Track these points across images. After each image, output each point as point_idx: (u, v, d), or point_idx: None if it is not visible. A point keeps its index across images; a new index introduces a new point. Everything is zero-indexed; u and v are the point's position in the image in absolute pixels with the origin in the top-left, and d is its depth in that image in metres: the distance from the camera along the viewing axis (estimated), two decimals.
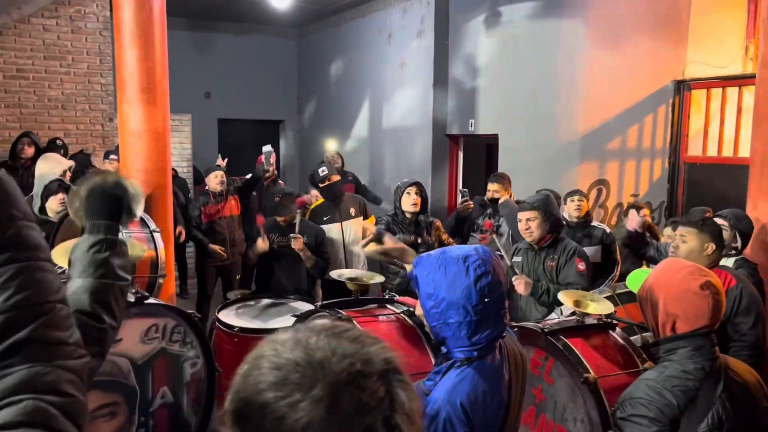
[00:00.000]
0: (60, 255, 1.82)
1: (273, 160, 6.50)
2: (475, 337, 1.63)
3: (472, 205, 4.92)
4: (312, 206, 5.30)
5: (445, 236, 4.62)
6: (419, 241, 4.36)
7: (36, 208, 4.33)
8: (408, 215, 4.45)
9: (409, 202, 4.41)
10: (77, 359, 0.94)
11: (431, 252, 1.77)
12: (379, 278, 3.44)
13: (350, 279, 3.01)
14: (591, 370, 2.25)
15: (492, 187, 4.99)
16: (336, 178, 5.12)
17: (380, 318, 2.51)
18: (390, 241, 2.30)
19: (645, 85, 5.73)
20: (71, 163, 5.39)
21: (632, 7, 5.65)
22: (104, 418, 1.82)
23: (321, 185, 5.11)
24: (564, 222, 4.68)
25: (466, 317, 1.62)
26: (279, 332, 0.87)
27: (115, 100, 6.91)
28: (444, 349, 1.74)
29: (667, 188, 5.79)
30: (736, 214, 3.46)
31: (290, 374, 0.78)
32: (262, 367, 0.81)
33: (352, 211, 5.11)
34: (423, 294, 1.71)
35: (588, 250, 4.69)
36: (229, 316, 3.77)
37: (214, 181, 5.80)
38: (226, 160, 6.56)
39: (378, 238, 2.39)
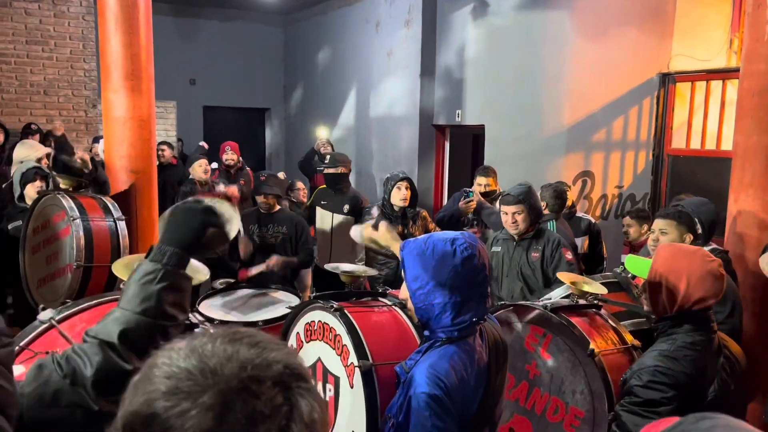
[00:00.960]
0: (122, 268, 1.73)
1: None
2: (458, 318, 1.69)
3: (474, 207, 4.85)
4: (319, 187, 5.38)
5: (432, 225, 4.64)
6: (405, 232, 4.38)
7: (15, 196, 4.28)
8: (396, 208, 4.47)
9: (399, 197, 4.43)
10: (1, 348, 0.89)
11: (418, 237, 1.82)
12: (373, 272, 3.38)
13: (345, 272, 2.97)
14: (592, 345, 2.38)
15: (482, 180, 4.94)
16: (343, 169, 5.13)
17: (375, 309, 2.53)
18: (383, 229, 2.34)
19: (630, 78, 5.76)
20: (48, 150, 5.32)
21: (619, 0, 5.68)
22: None
23: (327, 171, 5.13)
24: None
25: (451, 298, 1.68)
26: (176, 340, 0.80)
27: (98, 86, 6.82)
28: (427, 332, 1.78)
29: (650, 180, 5.84)
30: (695, 202, 3.50)
31: (182, 383, 0.72)
32: (153, 376, 0.74)
33: (346, 207, 5.08)
34: (409, 276, 1.75)
35: (575, 240, 4.74)
36: (209, 309, 3.75)
37: (199, 170, 5.77)
38: (206, 146, 6.52)
39: (375, 224, 2.42)
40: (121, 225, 3.26)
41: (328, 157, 5.22)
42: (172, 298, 1.21)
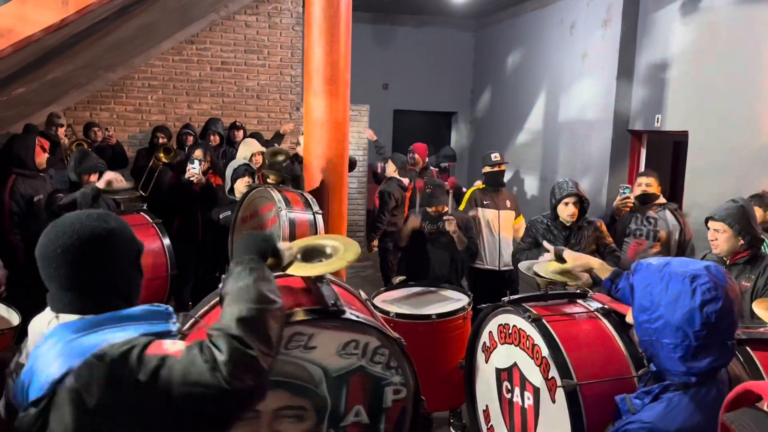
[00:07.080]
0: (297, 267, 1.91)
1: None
2: (692, 363, 1.49)
3: (632, 203, 4.63)
4: (472, 188, 5.65)
5: (608, 239, 4.26)
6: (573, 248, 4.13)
7: (226, 190, 4.83)
8: (562, 223, 4.20)
9: (566, 213, 4.13)
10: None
11: (653, 261, 1.63)
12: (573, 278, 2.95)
13: (537, 274, 2.66)
14: None
15: (644, 180, 4.64)
16: (503, 167, 5.49)
17: (575, 317, 2.34)
18: (571, 258, 2.13)
19: None
20: (261, 148, 5.95)
21: None
22: (290, 419, 1.83)
23: (488, 169, 5.47)
24: None
25: (684, 341, 1.48)
26: None
27: (302, 90, 7.42)
28: (654, 367, 1.62)
29: None
30: None
31: None
32: None
33: (508, 203, 5.46)
34: (637, 305, 1.60)
35: None
36: (383, 303, 3.89)
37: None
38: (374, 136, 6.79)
39: (558, 257, 2.21)
40: (319, 218, 3.51)
41: (491, 158, 5.49)
42: (266, 286, 1.43)
